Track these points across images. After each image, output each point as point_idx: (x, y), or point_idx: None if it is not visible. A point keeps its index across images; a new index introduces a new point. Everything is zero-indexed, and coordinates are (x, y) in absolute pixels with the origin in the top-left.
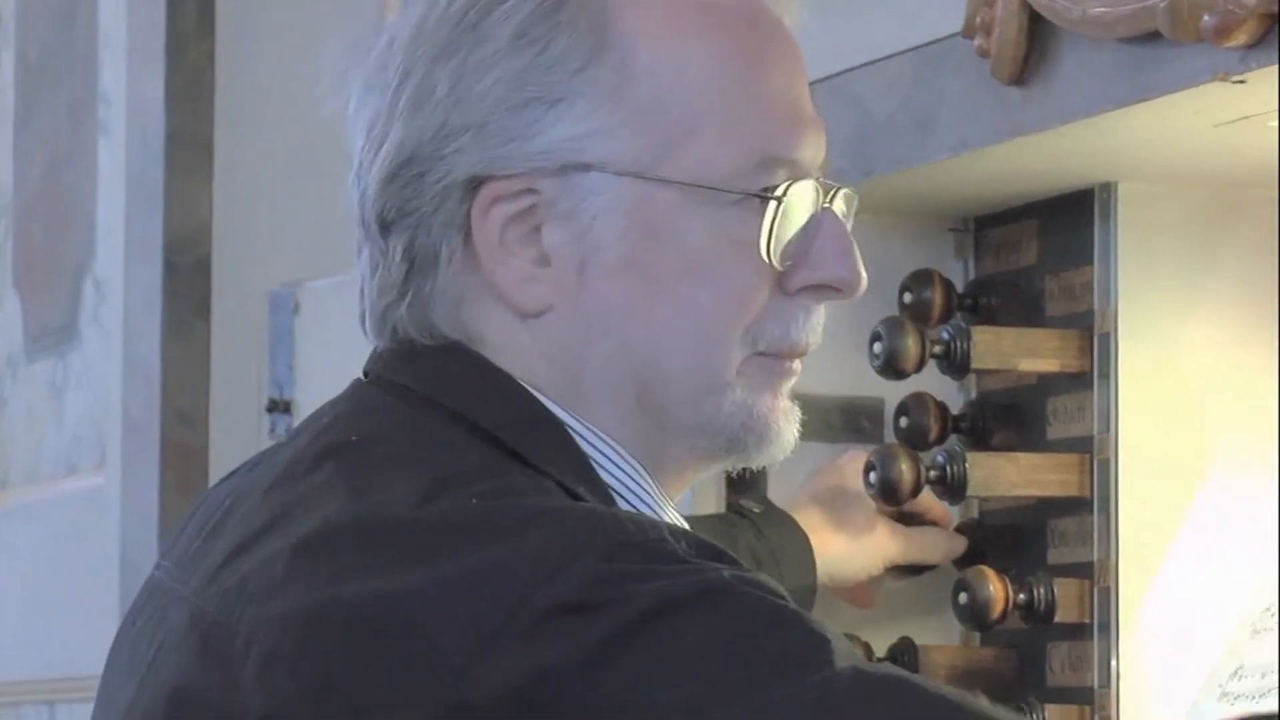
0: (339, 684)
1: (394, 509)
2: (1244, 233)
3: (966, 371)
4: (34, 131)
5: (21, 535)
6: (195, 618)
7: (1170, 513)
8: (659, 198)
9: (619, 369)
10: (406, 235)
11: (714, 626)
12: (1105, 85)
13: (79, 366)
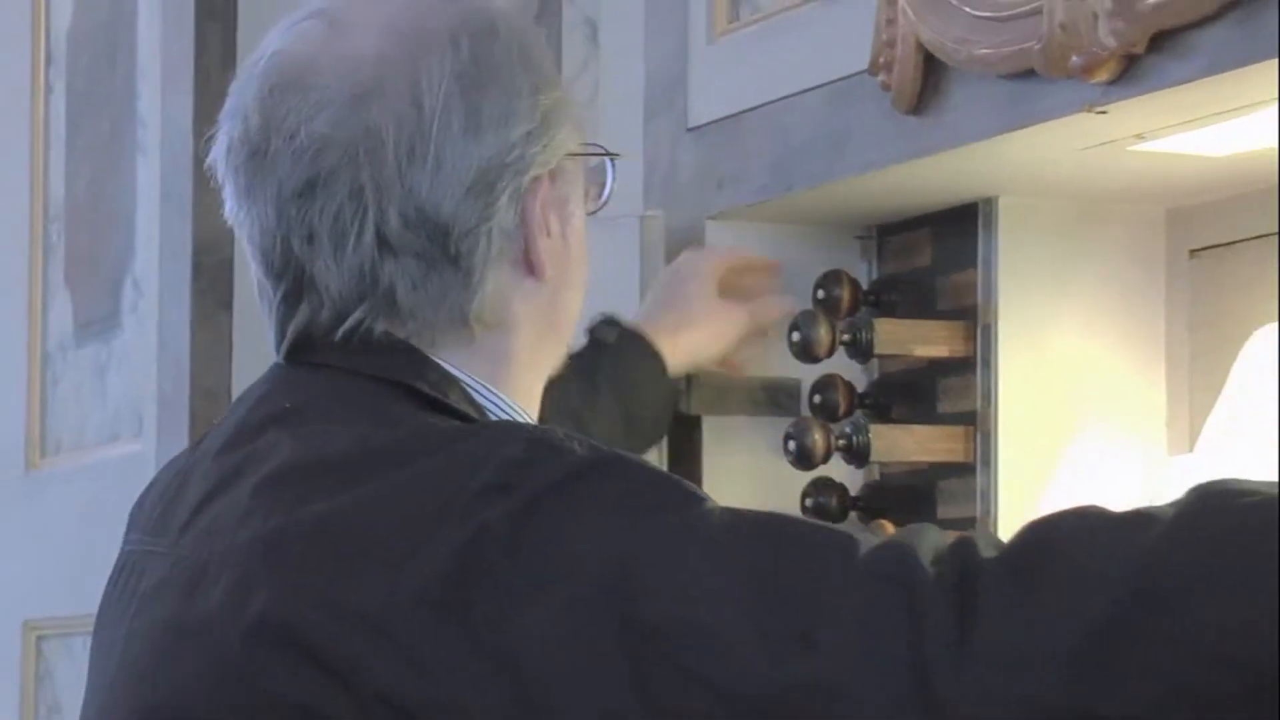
0: (307, 590)
1: (337, 446)
2: (1104, 240)
3: (870, 356)
4: (81, 150)
5: (71, 492)
6: (174, 564)
7: (1040, 475)
8: (579, 170)
9: (568, 312)
10: (482, 241)
11: (609, 486)
12: (989, 115)
13: (120, 351)
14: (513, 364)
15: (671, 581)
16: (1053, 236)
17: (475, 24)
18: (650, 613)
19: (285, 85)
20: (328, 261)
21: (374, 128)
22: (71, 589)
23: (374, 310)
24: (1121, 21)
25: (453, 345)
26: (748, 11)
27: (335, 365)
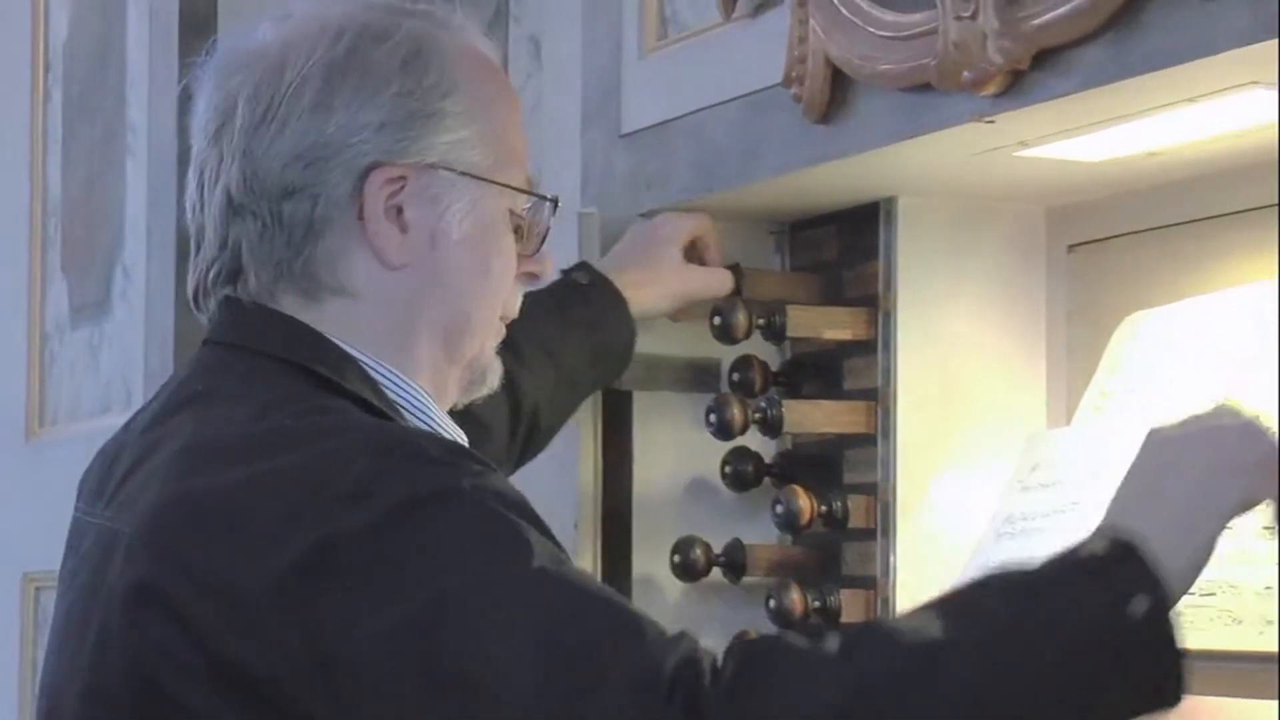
0: (178, 559)
1: (230, 429)
2: (992, 235)
3: (783, 339)
4: (76, 152)
5: (67, 458)
6: (98, 533)
7: (935, 446)
8: (490, 198)
9: (443, 312)
10: (305, 205)
11: (453, 517)
12: (889, 124)
13: (111, 332)
14: (387, 342)
15: (476, 632)
16: (946, 232)
17: (371, 28)
18: (449, 656)
19: (217, 66)
20: (205, 219)
21: (234, 93)
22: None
23: (224, 267)
24: (1008, 41)
25: (296, 306)
26: (674, 30)
27: (245, 346)
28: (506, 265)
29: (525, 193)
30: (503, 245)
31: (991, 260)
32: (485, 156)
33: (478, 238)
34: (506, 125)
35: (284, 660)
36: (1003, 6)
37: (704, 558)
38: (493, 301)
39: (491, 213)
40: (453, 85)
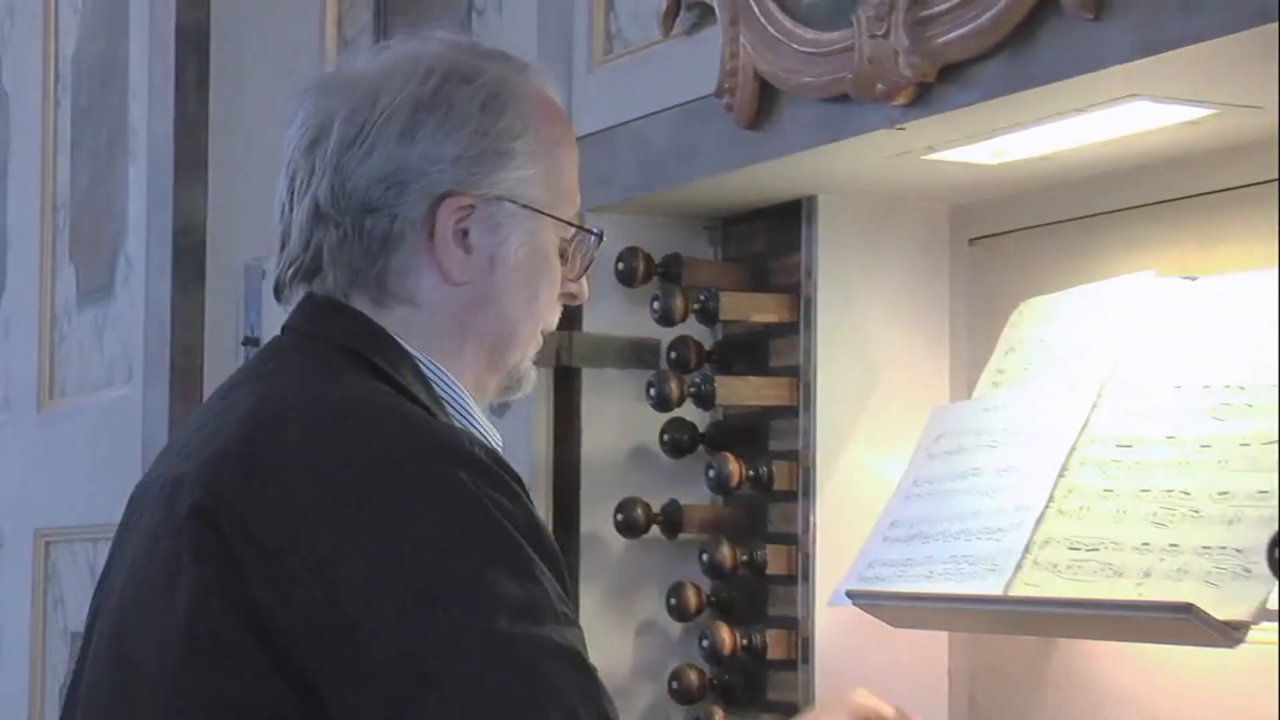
0: (234, 504)
1: (291, 400)
2: (901, 230)
3: (715, 321)
4: (84, 154)
5: (74, 427)
6: (165, 479)
7: (850, 417)
8: (546, 230)
9: (492, 326)
10: (384, 221)
11: (459, 520)
12: (811, 130)
13: (114, 315)
14: (440, 345)
15: (450, 633)
16: (861, 227)
17: (458, 70)
18: (428, 643)
19: (318, 87)
20: (291, 222)
21: (331, 114)
22: (73, 505)
23: (304, 267)
24: (916, 57)
25: (366, 308)
26: (619, 46)
27: (316, 334)
28: (552, 289)
29: (577, 227)
30: (551, 271)
31: (901, 252)
32: (545, 192)
33: (530, 264)
34: (565, 165)
35: (298, 610)
36: (912, 26)
37: (644, 516)
38: (536, 320)
39: (544, 242)
40: (524, 129)
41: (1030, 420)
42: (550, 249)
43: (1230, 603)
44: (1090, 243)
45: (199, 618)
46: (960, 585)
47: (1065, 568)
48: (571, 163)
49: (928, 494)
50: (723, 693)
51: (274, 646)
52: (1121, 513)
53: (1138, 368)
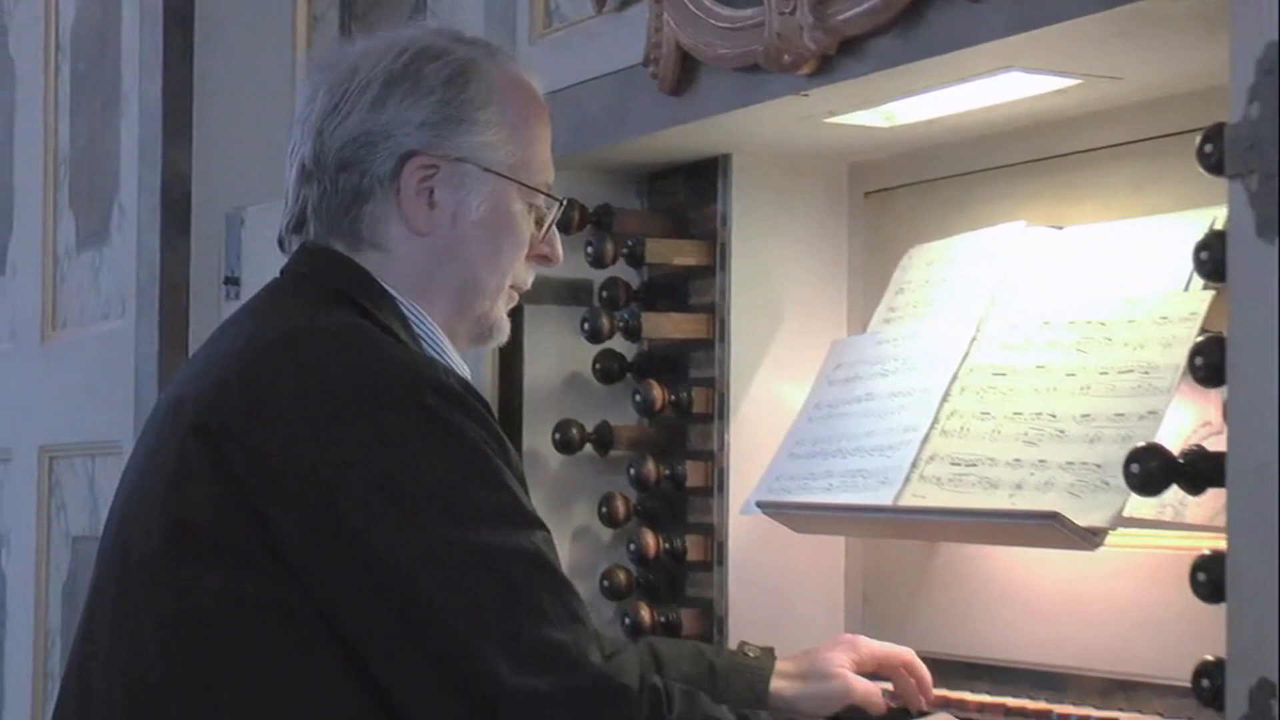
0: (233, 423)
1: (284, 332)
2: (805, 184)
3: (642, 264)
4: (82, 114)
5: (74, 356)
6: (169, 399)
7: (760, 349)
8: (508, 192)
9: (456, 274)
10: (355, 177)
11: (436, 435)
12: (726, 97)
13: (109, 257)
14: (411, 288)
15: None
16: (770, 182)
17: (429, 50)
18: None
19: (314, 66)
20: (288, 183)
21: (317, 87)
22: (73, 424)
23: (294, 219)
24: (819, 32)
25: (340, 250)
26: (557, 21)
27: (308, 276)
28: (517, 247)
29: (536, 190)
30: (515, 231)
31: (805, 204)
32: (508, 158)
33: (491, 221)
34: (532, 138)
35: (295, 518)
36: (815, 4)
37: (578, 436)
38: (501, 274)
39: (506, 203)
40: (487, 101)
41: (918, 351)
42: (514, 210)
43: (1090, 511)
44: (970, 196)
45: (198, 516)
46: (855, 496)
47: (947, 481)
48: (542, 138)
49: (827, 416)
50: (647, 590)
51: (271, 545)
52: (996, 433)
53: (1011, 306)
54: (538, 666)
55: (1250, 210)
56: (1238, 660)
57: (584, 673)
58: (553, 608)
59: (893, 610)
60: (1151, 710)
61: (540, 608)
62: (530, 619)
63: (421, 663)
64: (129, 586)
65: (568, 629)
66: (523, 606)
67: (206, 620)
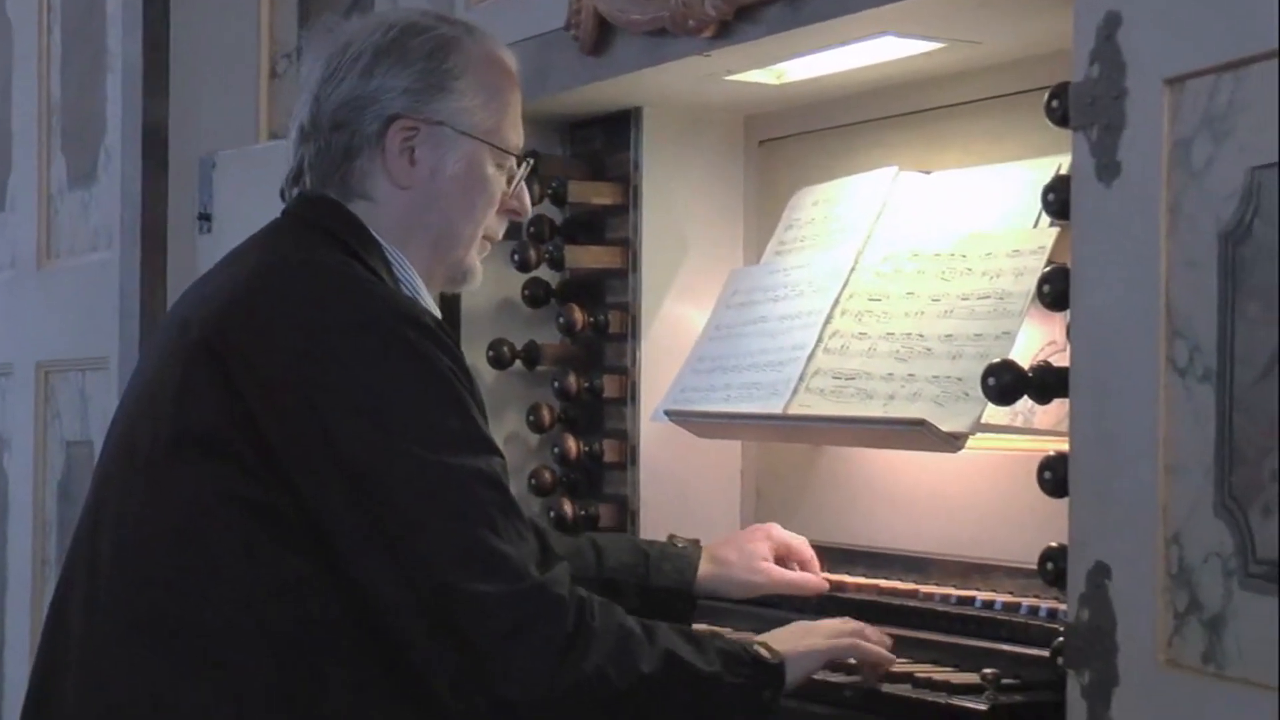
0: (237, 343)
1: (284, 263)
2: (708, 134)
3: (564, 203)
4: (72, 69)
5: (67, 282)
6: (175, 320)
7: (668, 277)
8: (481, 153)
9: (434, 223)
10: (345, 136)
11: (411, 363)
12: (639, 57)
13: (97, 195)
14: (394, 235)
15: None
16: (676, 132)
17: (414, 26)
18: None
19: (314, 41)
20: (291, 143)
21: (317, 58)
22: (66, 342)
23: (293, 174)
24: (720, 1)
25: (336, 198)
26: None
27: (304, 218)
28: (488, 202)
29: (504, 151)
30: (487, 187)
31: (707, 151)
32: (482, 123)
33: (465, 177)
34: (504, 106)
35: (285, 427)
36: None
37: (509, 353)
38: (475, 224)
39: (479, 163)
40: (463, 72)
41: (804, 280)
42: (486, 168)
43: (953, 418)
44: (850, 145)
45: (201, 423)
46: (750, 406)
47: (830, 392)
48: (513, 106)
49: (726, 336)
50: (569, 488)
51: (264, 451)
52: (872, 351)
53: (885, 240)
54: (485, 573)
55: (1091, 158)
56: (1077, 546)
57: (524, 581)
58: (502, 524)
59: (782, 504)
60: (1004, 590)
61: (492, 522)
62: (483, 531)
63: (386, 561)
64: (133, 486)
65: (514, 544)
66: (477, 519)
67: (204, 517)
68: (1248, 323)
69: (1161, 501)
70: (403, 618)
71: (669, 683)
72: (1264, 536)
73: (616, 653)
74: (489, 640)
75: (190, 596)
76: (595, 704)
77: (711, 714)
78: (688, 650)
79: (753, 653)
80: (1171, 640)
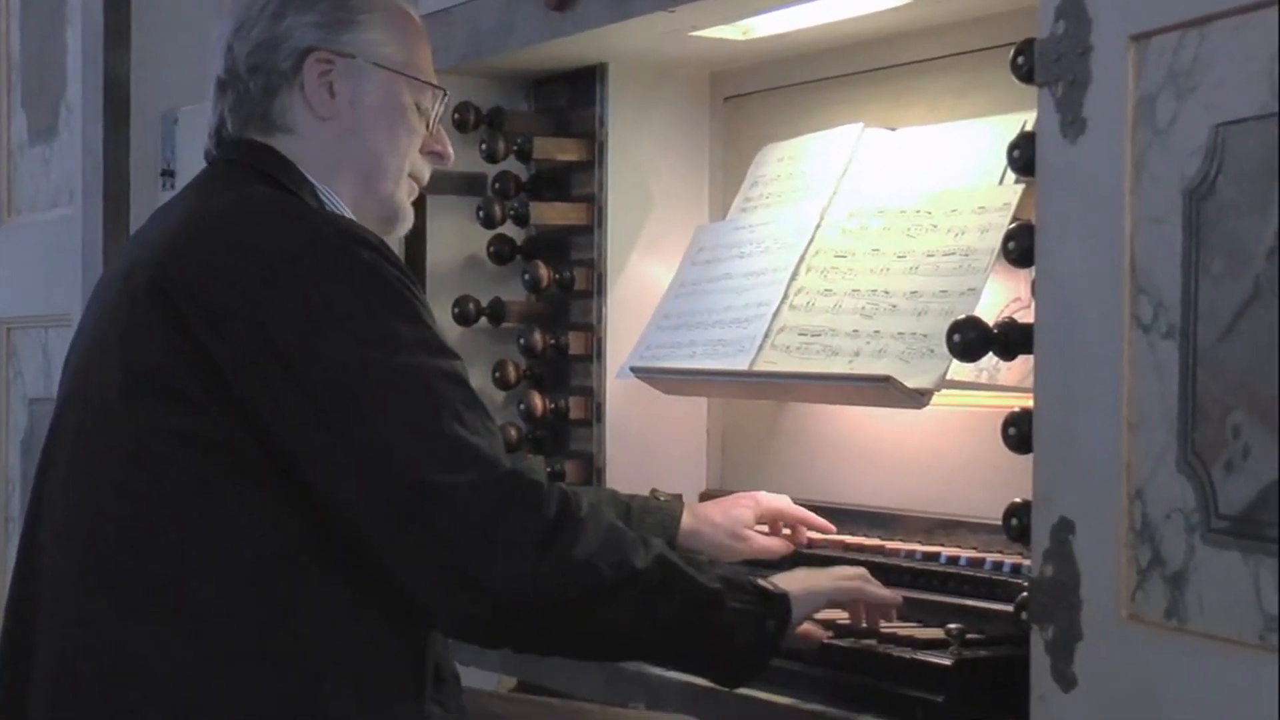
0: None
1: (223, 206)
2: (673, 90)
3: (530, 159)
4: (32, 23)
5: (29, 237)
6: (122, 266)
7: (633, 234)
8: (398, 84)
9: (359, 154)
10: (262, 77)
11: (365, 279)
12: (603, 12)
13: (58, 150)
14: (321, 168)
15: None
16: (642, 87)
17: None
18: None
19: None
20: (209, 99)
21: (229, 15)
22: (28, 299)
23: (214, 130)
24: None
25: (259, 136)
26: None
27: (235, 161)
28: (411, 133)
29: (419, 81)
30: (407, 117)
31: (672, 107)
32: (394, 55)
33: (384, 107)
34: (413, 42)
35: (237, 354)
36: None
37: (475, 310)
38: (400, 156)
39: (397, 94)
40: (370, 9)
41: (770, 236)
42: (404, 100)
43: (918, 375)
44: (815, 101)
45: (152, 363)
46: (716, 362)
47: (795, 349)
48: (422, 47)
49: (691, 293)
50: (535, 444)
51: (218, 385)
52: (838, 307)
53: (851, 197)
54: (456, 465)
55: (1056, 114)
56: (1041, 502)
57: (497, 469)
58: (469, 417)
59: (748, 461)
60: (969, 546)
61: (458, 414)
62: (449, 424)
63: (355, 472)
64: (87, 430)
65: (482, 435)
66: (443, 415)
67: (160, 458)
68: (1211, 279)
69: (1125, 458)
70: (378, 528)
71: (665, 586)
72: (1226, 492)
73: (606, 544)
74: (467, 531)
75: (147, 541)
76: (584, 596)
77: (707, 632)
78: (683, 562)
79: (756, 583)
80: (1134, 595)
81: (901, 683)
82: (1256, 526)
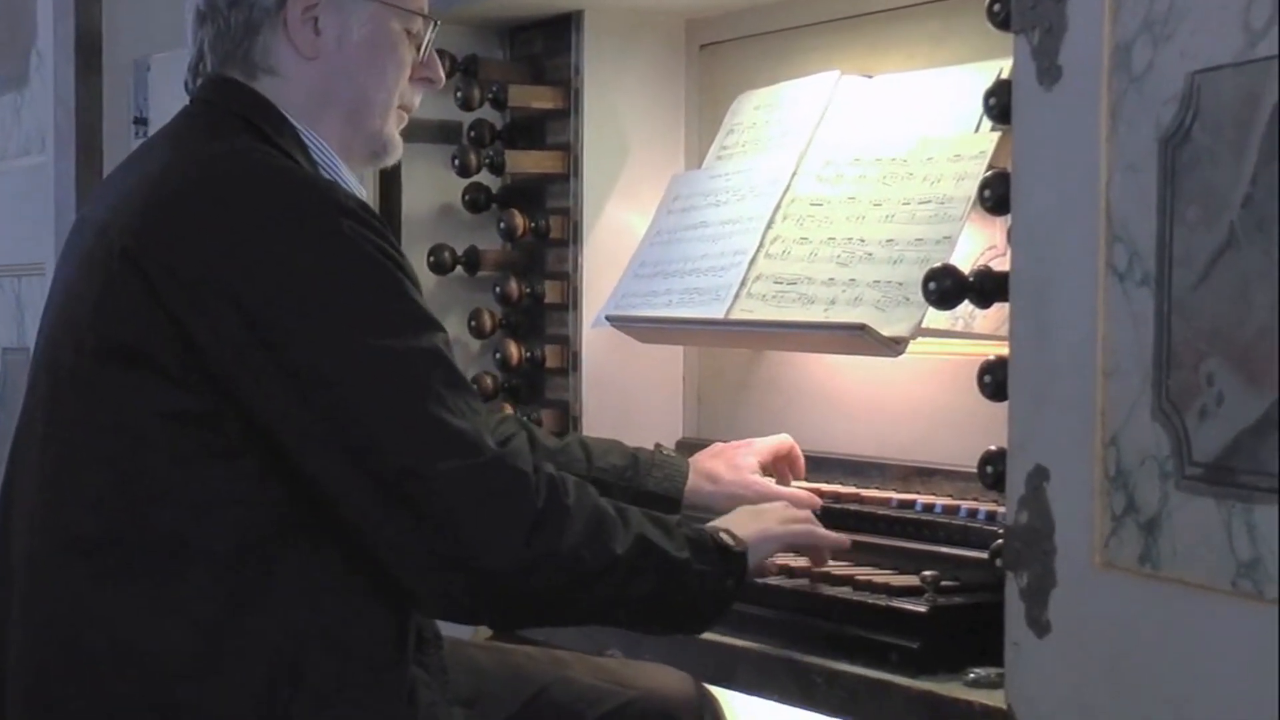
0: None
1: (199, 157)
2: (650, 37)
3: (505, 107)
4: None
5: (1, 186)
6: (95, 222)
7: (609, 182)
8: (386, 17)
9: (346, 92)
10: (244, 11)
11: (341, 248)
12: None
13: (29, 99)
14: (306, 111)
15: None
16: (617, 35)
17: None
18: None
19: None
20: (188, 30)
21: None
22: (0, 248)
23: (193, 64)
24: None
25: (241, 77)
26: None
27: (213, 102)
28: (399, 66)
29: (410, 11)
30: (396, 52)
31: (648, 55)
32: None
33: (372, 42)
34: None
35: (215, 329)
36: None
37: (450, 258)
38: (388, 91)
39: (386, 27)
40: None
41: (746, 185)
42: (393, 33)
43: (894, 323)
44: (791, 48)
45: (126, 333)
46: (691, 311)
47: (771, 297)
48: None
49: (667, 241)
50: (511, 394)
51: (195, 358)
52: (813, 255)
53: (827, 145)
54: (441, 450)
55: (1032, 62)
56: (1016, 450)
57: (482, 455)
58: (452, 400)
59: (723, 410)
60: (944, 493)
61: (442, 399)
62: (433, 409)
63: (339, 452)
64: (60, 398)
65: (466, 419)
66: (428, 399)
67: (138, 431)
68: (1186, 227)
69: (1099, 405)
70: (363, 510)
71: (640, 566)
72: (1199, 439)
73: (591, 533)
74: (453, 519)
75: (125, 513)
76: (568, 584)
77: (676, 599)
78: (657, 534)
79: (718, 540)
80: (1108, 542)
81: (877, 629)
82: (1229, 473)
